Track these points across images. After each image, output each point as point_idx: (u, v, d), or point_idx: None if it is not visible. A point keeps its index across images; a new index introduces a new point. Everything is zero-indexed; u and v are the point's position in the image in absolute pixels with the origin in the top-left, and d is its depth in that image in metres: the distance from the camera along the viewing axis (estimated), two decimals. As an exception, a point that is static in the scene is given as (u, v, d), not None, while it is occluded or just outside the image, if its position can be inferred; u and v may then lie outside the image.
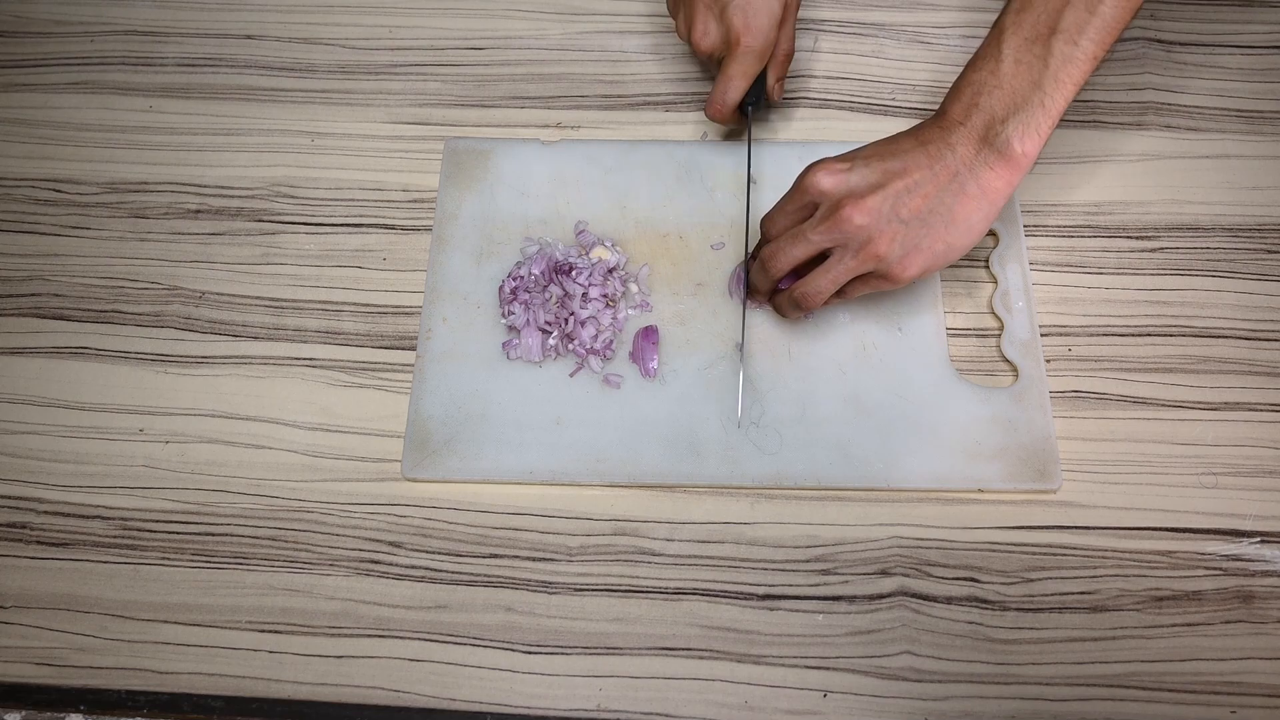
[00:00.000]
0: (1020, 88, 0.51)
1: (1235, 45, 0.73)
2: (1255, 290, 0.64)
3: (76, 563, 0.58)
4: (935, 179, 0.52)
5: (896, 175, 0.53)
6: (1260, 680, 0.54)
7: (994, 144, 0.51)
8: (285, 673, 0.55)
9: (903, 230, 0.53)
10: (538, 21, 0.76)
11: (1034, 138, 0.51)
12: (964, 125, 0.52)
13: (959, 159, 0.52)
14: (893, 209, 0.53)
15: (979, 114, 0.52)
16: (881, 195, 0.53)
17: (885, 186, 0.53)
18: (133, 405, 0.62)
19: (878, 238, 0.53)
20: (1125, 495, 0.58)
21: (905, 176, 0.52)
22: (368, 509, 0.59)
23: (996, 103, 0.51)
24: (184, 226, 0.69)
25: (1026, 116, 0.51)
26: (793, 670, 0.54)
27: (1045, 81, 0.51)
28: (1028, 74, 0.51)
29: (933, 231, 0.53)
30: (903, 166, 0.53)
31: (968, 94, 0.52)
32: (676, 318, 0.63)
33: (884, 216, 0.53)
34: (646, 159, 0.69)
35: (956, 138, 0.52)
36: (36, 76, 0.75)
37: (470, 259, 0.65)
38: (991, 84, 0.52)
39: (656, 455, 0.59)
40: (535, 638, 0.55)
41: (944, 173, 0.52)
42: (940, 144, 0.52)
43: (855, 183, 0.53)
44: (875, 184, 0.53)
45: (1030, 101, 0.51)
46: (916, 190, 0.52)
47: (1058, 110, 0.51)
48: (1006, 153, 0.51)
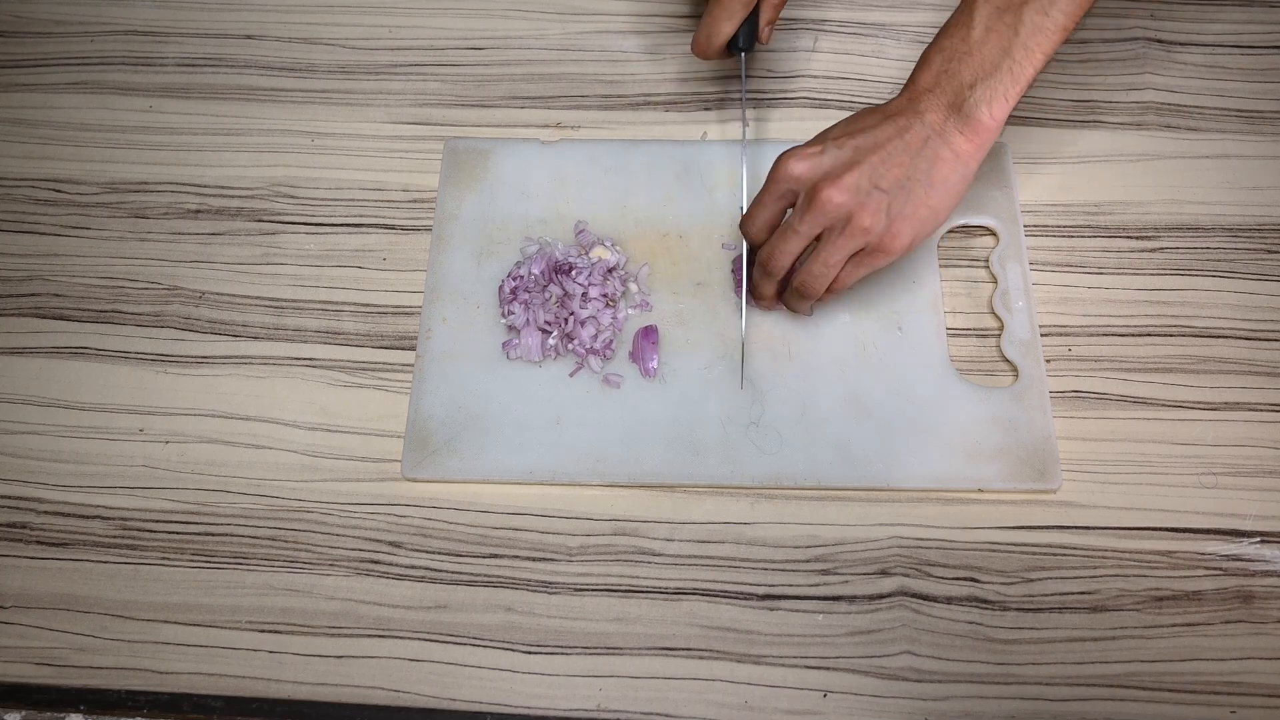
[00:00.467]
0: (990, 55, 0.52)
1: (1235, 45, 0.73)
2: (1255, 290, 0.64)
3: (76, 563, 0.58)
4: (907, 146, 0.53)
5: (869, 150, 0.53)
6: (1260, 680, 0.54)
7: (962, 110, 0.52)
8: (285, 673, 0.55)
9: (885, 199, 0.53)
10: (538, 21, 0.76)
11: (1001, 104, 0.52)
12: (932, 93, 0.53)
13: (928, 125, 0.53)
14: (871, 181, 0.53)
15: (948, 80, 0.52)
16: (858, 171, 0.53)
17: (860, 162, 0.53)
18: (133, 405, 0.62)
19: (861, 211, 0.53)
20: (1125, 495, 0.58)
21: (878, 149, 0.53)
22: (368, 509, 0.59)
23: (965, 69, 0.52)
24: (184, 226, 0.69)
25: (995, 83, 0.51)
26: (793, 670, 0.54)
27: (1015, 49, 0.51)
28: (998, 41, 0.51)
29: (914, 197, 0.53)
30: (873, 140, 0.53)
31: (937, 61, 0.53)
32: (676, 317, 0.63)
33: (863, 190, 0.53)
34: (646, 159, 0.69)
35: (925, 105, 0.53)
36: (36, 76, 0.75)
37: (470, 259, 0.65)
38: (961, 50, 0.52)
39: (656, 455, 0.59)
40: (535, 638, 0.55)
41: (915, 140, 0.53)
42: (909, 114, 0.53)
43: (829, 164, 0.53)
44: (849, 161, 0.53)
45: (999, 68, 0.51)
46: (891, 160, 0.53)
47: (1026, 78, 0.52)
48: (974, 118, 0.52)
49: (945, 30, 0.54)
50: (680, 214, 0.67)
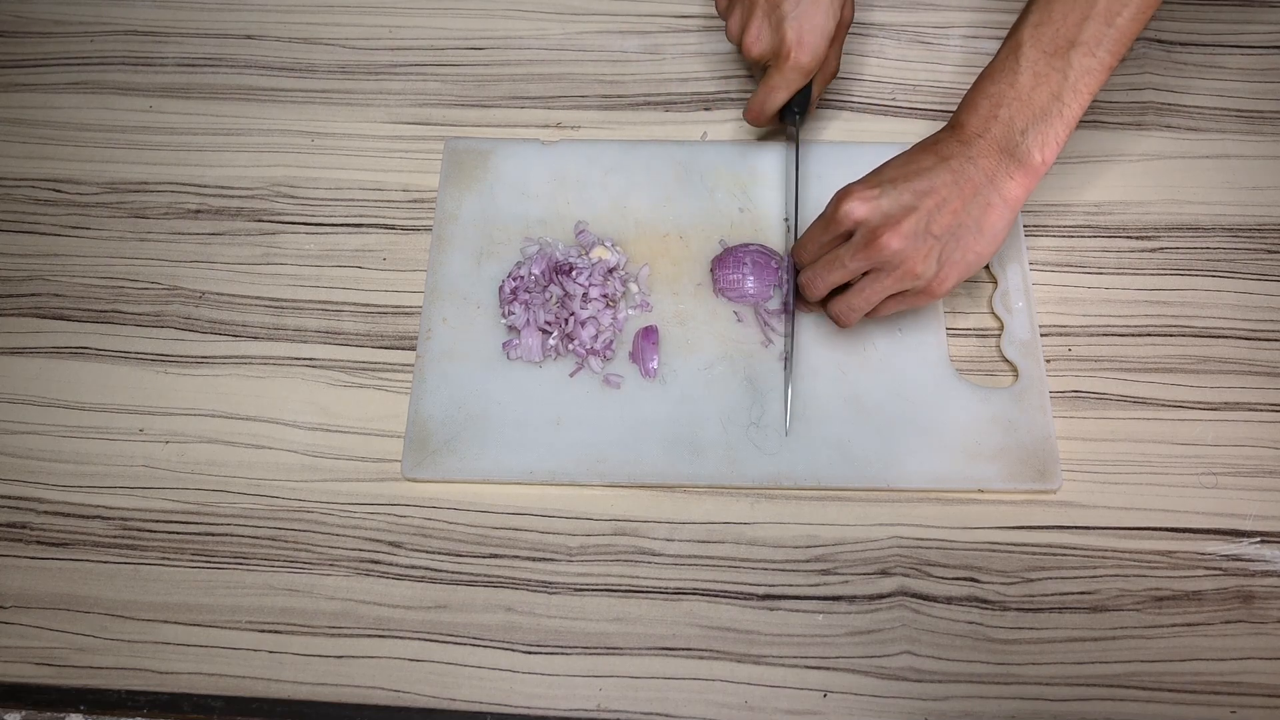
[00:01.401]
0: (1040, 100, 0.52)
1: (1235, 45, 0.73)
2: (1255, 290, 0.64)
3: (76, 563, 0.58)
4: (961, 194, 0.53)
5: (925, 195, 0.53)
6: (1260, 680, 0.54)
7: (1015, 154, 0.52)
8: (285, 673, 0.55)
9: (936, 247, 0.54)
10: (538, 21, 0.76)
11: (1053, 146, 0.52)
12: (983, 138, 0.53)
13: (980, 171, 0.53)
14: (925, 228, 0.53)
15: (998, 125, 0.53)
16: (915, 218, 0.53)
17: (917, 208, 0.53)
18: (133, 405, 0.62)
19: (913, 258, 0.54)
20: (1125, 495, 0.58)
21: (933, 195, 0.53)
22: (368, 509, 0.59)
23: (1016, 114, 0.52)
24: (184, 226, 0.69)
25: (1045, 127, 0.52)
26: (793, 670, 0.54)
27: (1065, 93, 0.52)
28: (1047, 87, 0.52)
29: (963, 244, 0.54)
30: (930, 185, 0.53)
31: (985, 106, 0.53)
32: (676, 318, 0.63)
33: (918, 236, 0.53)
34: (646, 159, 0.69)
35: (976, 150, 0.53)
36: (36, 76, 0.75)
37: (470, 259, 0.65)
38: (1010, 96, 0.52)
39: (656, 455, 0.59)
40: (535, 638, 0.55)
41: (968, 187, 0.53)
42: (961, 158, 0.53)
43: (888, 208, 0.53)
44: (908, 206, 0.53)
45: (1049, 112, 0.52)
46: (945, 207, 0.53)
47: (1075, 118, 0.52)
48: (1027, 162, 0.52)
49: (989, 75, 0.54)
50: (680, 214, 0.67)
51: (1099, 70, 0.52)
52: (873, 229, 0.54)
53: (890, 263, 0.54)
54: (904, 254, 0.54)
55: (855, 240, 0.55)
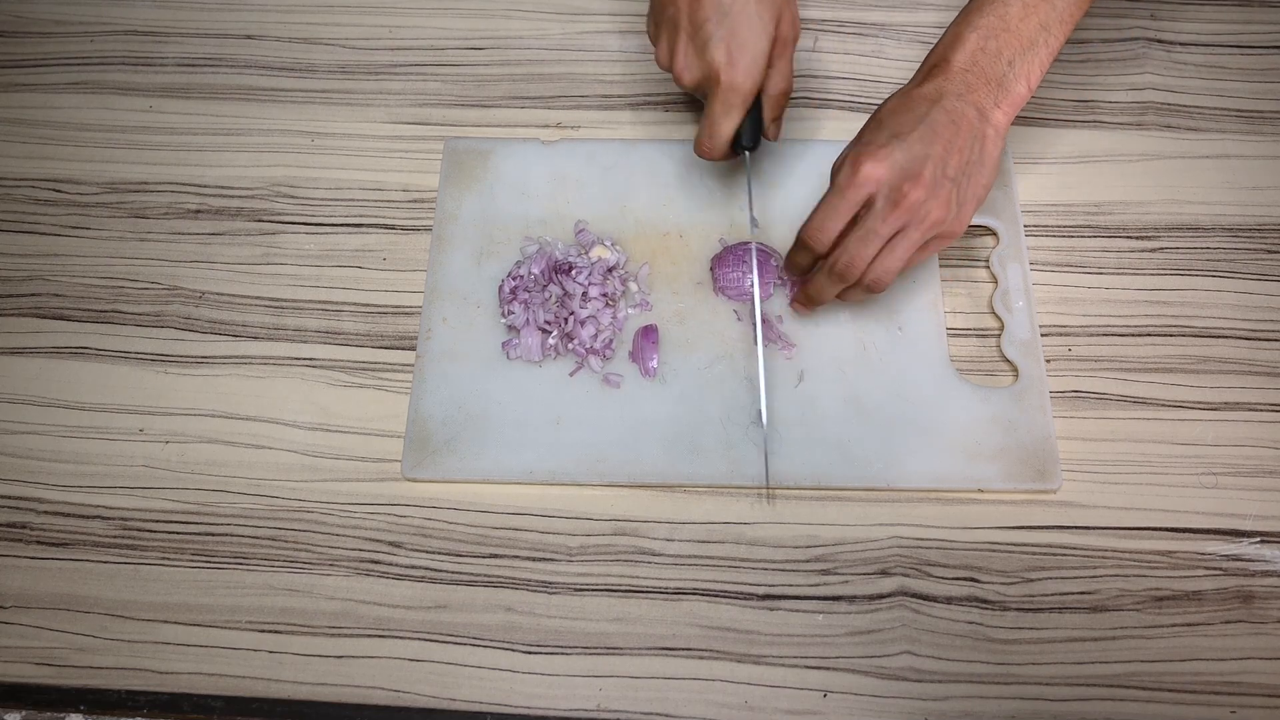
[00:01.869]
0: (1028, 30, 0.53)
1: (1235, 45, 0.73)
2: (1255, 290, 0.64)
3: (76, 563, 0.58)
4: (961, 132, 0.53)
5: (933, 140, 0.53)
6: (1260, 680, 0.54)
7: (1002, 84, 0.54)
8: (285, 673, 0.55)
9: (953, 189, 0.54)
10: (538, 21, 0.76)
11: (1037, 74, 0.54)
12: (970, 72, 0.54)
13: (971, 106, 0.54)
14: (942, 173, 0.53)
15: (985, 58, 0.54)
16: (931, 165, 0.53)
17: (930, 156, 0.53)
18: (133, 405, 0.62)
19: (938, 204, 0.54)
20: (1125, 495, 0.58)
21: (939, 138, 0.53)
22: (368, 509, 0.59)
23: (1004, 45, 0.53)
24: (184, 226, 0.69)
25: (1032, 56, 0.53)
26: (793, 670, 0.54)
27: (1052, 23, 0.53)
28: (1036, 17, 0.53)
29: (973, 179, 0.55)
30: (933, 130, 0.53)
31: (973, 39, 0.54)
32: (676, 317, 0.63)
33: (938, 183, 0.53)
34: (646, 159, 0.69)
35: (965, 85, 0.54)
36: (36, 76, 0.75)
37: (470, 259, 0.65)
38: (998, 28, 0.53)
39: (656, 455, 0.59)
40: (535, 638, 0.55)
41: (965, 123, 0.54)
42: (952, 97, 0.54)
43: (905, 161, 0.53)
44: (922, 156, 0.53)
45: (1036, 42, 0.53)
46: (954, 148, 0.53)
47: (1058, 47, 0.54)
48: (1013, 91, 0.54)
49: (977, 8, 0.54)
50: (680, 214, 0.67)
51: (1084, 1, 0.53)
52: (896, 186, 0.53)
53: (919, 215, 0.54)
54: (930, 204, 0.53)
55: (881, 203, 0.54)
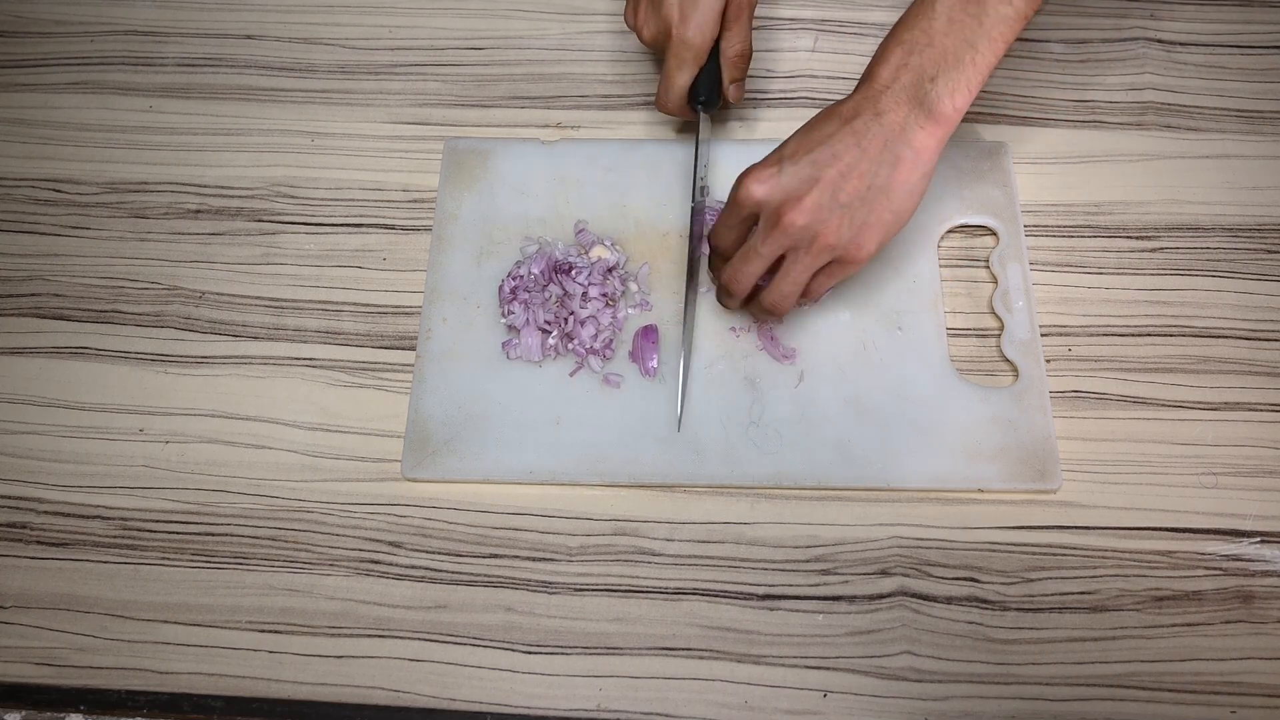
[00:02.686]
0: (952, 46, 0.51)
1: (1235, 45, 0.73)
2: (1255, 290, 0.64)
3: (76, 563, 0.58)
4: (866, 155, 0.52)
5: (827, 163, 0.52)
6: (1260, 680, 0.54)
7: (924, 103, 0.51)
8: (285, 673, 0.55)
9: (847, 215, 0.52)
10: (538, 21, 0.76)
11: (964, 94, 0.51)
12: (890, 89, 0.52)
13: (887, 126, 0.52)
14: (832, 198, 0.52)
15: (908, 73, 0.51)
16: (818, 190, 0.52)
17: (819, 179, 0.52)
18: (133, 405, 0.62)
19: (824, 230, 0.53)
20: (1125, 495, 0.58)
21: (836, 162, 0.52)
22: (368, 509, 0.59)
23: (927, 61, 0.51)
24: (184, 226, 0.69)
25: (957, 74, 0.51)
26: (793, 670, 0.54)
27: (979, 39, 0.51)
28: (961, 32, 0.51)
29: (876, 206, 0.53)
30: (832, 152, 0.52)
31: (896, 55, 0.52)
32: (676, 317, 0.63)
33: (825, 208, 0.52)
34: (646, 159, 0.69)
35: (885, 103, 0.52)
36: (36, 76, 0.75)
37: (470, 259, 0.65)
38: (923, 43, 0.51)
39: (656, 455, 0.59)
40: (535, 638, 0.55)
41: (873, 146, 0.52)
42: (866, 116, 0.52)
43: (788, 184, 0.52)
44: (809, 179, 0.52)
45: (962, 59, 0.51)
46: (851, 173, 0.52)
47: (988, 67, 0.51)
48: (936, 110, 0.51)
49: (904, 23, 0.53)
50: (680, 214, 0.67)
51: (1014, 19, 0.51)
52: (775, 208, 0.53)
53: (802, 239, 0.53)
54: (813, 227, 0.52)
55: (762, 224, 0.54)
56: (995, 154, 0.67)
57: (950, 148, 0.67)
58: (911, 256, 0.64)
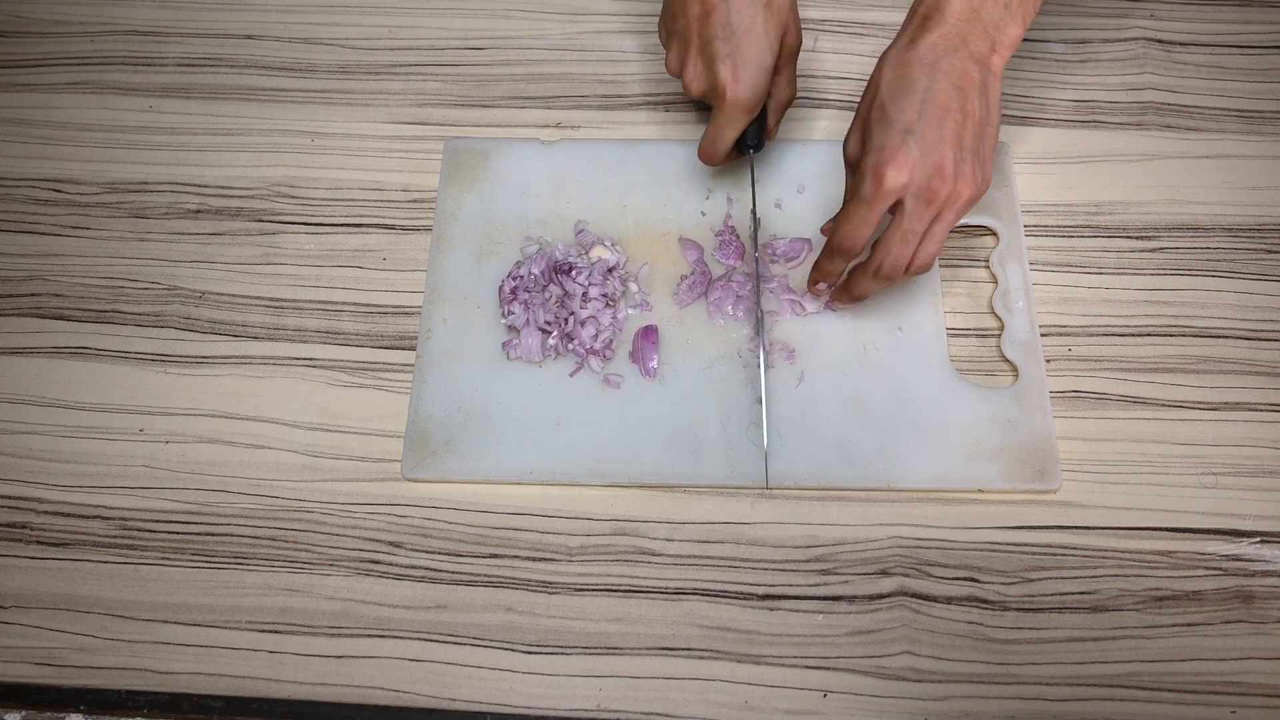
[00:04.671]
0: None
1: (1235, 45, 0.73)
2: (1255, 290, 0.64)
3: (76, 563, 0.58)
4: (967, 96, 0.52)
5: (943, 120, 0.52)
6: (1260, 680, 0.54)
7: (999, 28, 0.53)
8: (285, 673, 0.55)
9: (974, 158, 0.53)
10: (538, 21, 0.76)
11: (1031, 14, 0.54)
12: (966, 20, 0.53)
13: (970, 59, 0.53)
14: (960, 150, 0.52)
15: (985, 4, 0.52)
16: (950, 150, 0.52)
17: (946, 140, 0.52)
18: (133, 405, 0.62)
19: (963, 183, 0.53)
20: (1125, 495, 0.58)
21: (949, 116, 0.52)
22: (368, 509, 0.59)
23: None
24: (184, 226, 0.69)
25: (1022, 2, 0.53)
26: (793, 670, 0.54)
27: None
28: None
29: (985, 137, 0.54)
30: (942, 107, 0.52)
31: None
32: (676, 317, 0.63)
33: (959, 163, 0.52)
34: (646, 159, 0.69)
35: (965, 36, 0.53)
36: (36, 76, 0.75)
37: (470, 259, 0.65)
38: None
39: (656, 455, 0.59)
40: (535, 638, 0.55)
41: (968, 83, 0.52)
42: (949, 55, 0.52)
43: (925, 159, 0.52)
44: (937, 143, 0.52)
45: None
46: (965, 120, 0.52)
47: None
48: (1009, 33, 0.53)
49: None
50: (680, 214, 0.67)
51: None
52: (924, 185, 0.52)
53: (951, 202, 0.53)
54: (959, 187, 0.53)
55: (912, 204, 0.53)
56: (995, 154, 0.67)
57: (950, 148, 0.67)
58: (911, 256, 0.64)
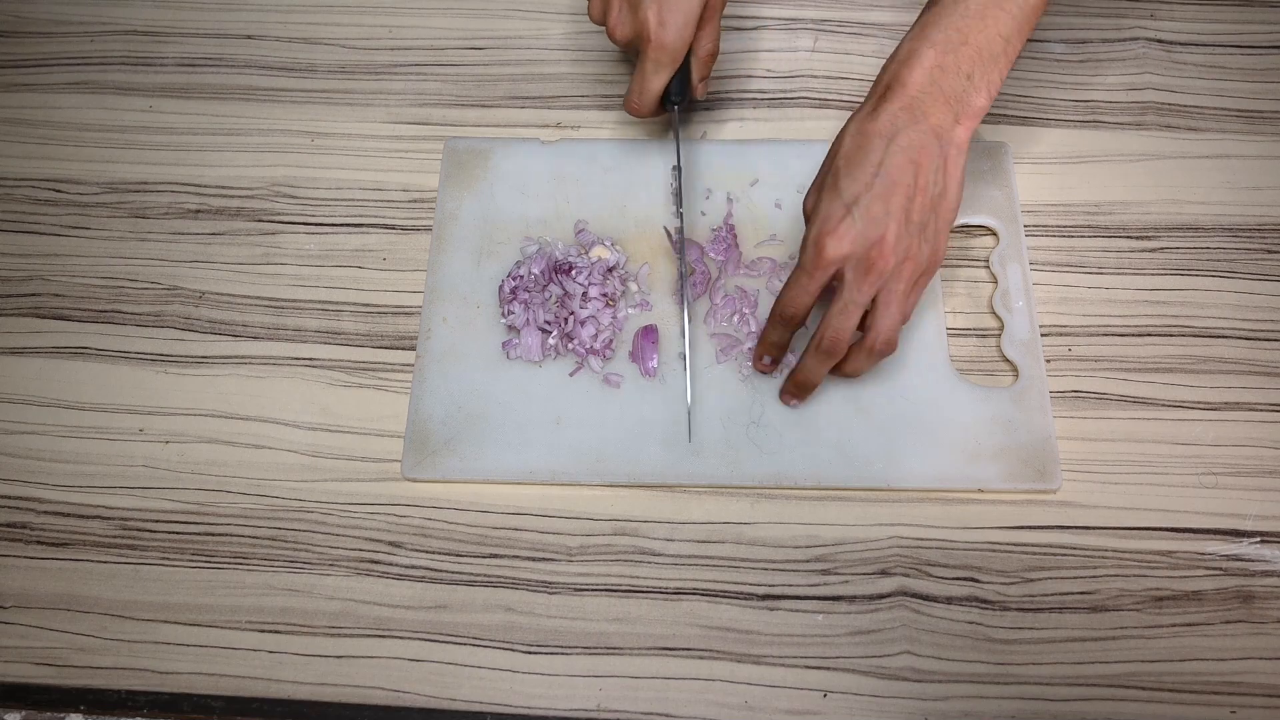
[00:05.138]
0: (989, 42, 0.51)
1: (1235, 45, 0.73)
2: (1255, 290, 0.64)
3: (76, 563, 0.58)
4: (922, 170, 0.52)
5: (892, 193, 0.51)
6: (1260, 680, 0.54)
7: (961, 100, 0.52)
8: (285, 673, 0.55)
9: (922, 233, 0.53)
10: (538, 21, 0.76)
11: (996, 85, 0.53)
12: (928, 92, 0.52)
13: (929, 132, 0.52)
14: (907, 224, 0.52)
15: (943, 76, 0.52)
16: (894, 223, 0.51)
17: (892, 214, 0.51)
18: (133, 405, 0.62)
19: (910, 256, 0.52)
20: (1125, 495, 0.58)
21: (899, 189, 0.51)
22: (368, 509, 0.59)
23: (963, 59, 0.52)
24: (184, 226, 0.69)
25: (992, 68, 0.52)
26: (793, 670, 0.54)
27: (1011, 33, 0.52)
28: (995, 26, 0.51)
29: (940, 211, 0.53)
30: (891, 181, 0.51)
31: (929, 56, 0.52)
32: (676, 317, 0.63)
33: (905, 236, 0.52)
34: (646, 159, 0.69)
35: (922, 109, 0.52)
36: (36, 76, 0.75)
37: (470, 259, 0.65)
38: (956, 41, 0.51)
39: (656, 455, 0.59)
40: (535, 638, 0.55)
41: (925, 157, 0.52)
42: (908, 129, 0.52)
43: (867, 230, 0.51)
44: (881, 216, 0.51)
45: (997, 54, 0.52)
46: (915, 193, 0.52)
47: (1015, 55, 0.53)
48: (972, 106, 0.52)
49: (930, 22, 0.52)
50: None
51: (1039, 6, 0.52)
52: (862, 257, 0.52)
53: (894, 274, 0.53)
54: (901, 259, 0.52)
55: (851, 276, 0.53)
56: (995, 154, 0.67)
57: (950, 148, 0.67)
58: (911, 256, 0.64)
